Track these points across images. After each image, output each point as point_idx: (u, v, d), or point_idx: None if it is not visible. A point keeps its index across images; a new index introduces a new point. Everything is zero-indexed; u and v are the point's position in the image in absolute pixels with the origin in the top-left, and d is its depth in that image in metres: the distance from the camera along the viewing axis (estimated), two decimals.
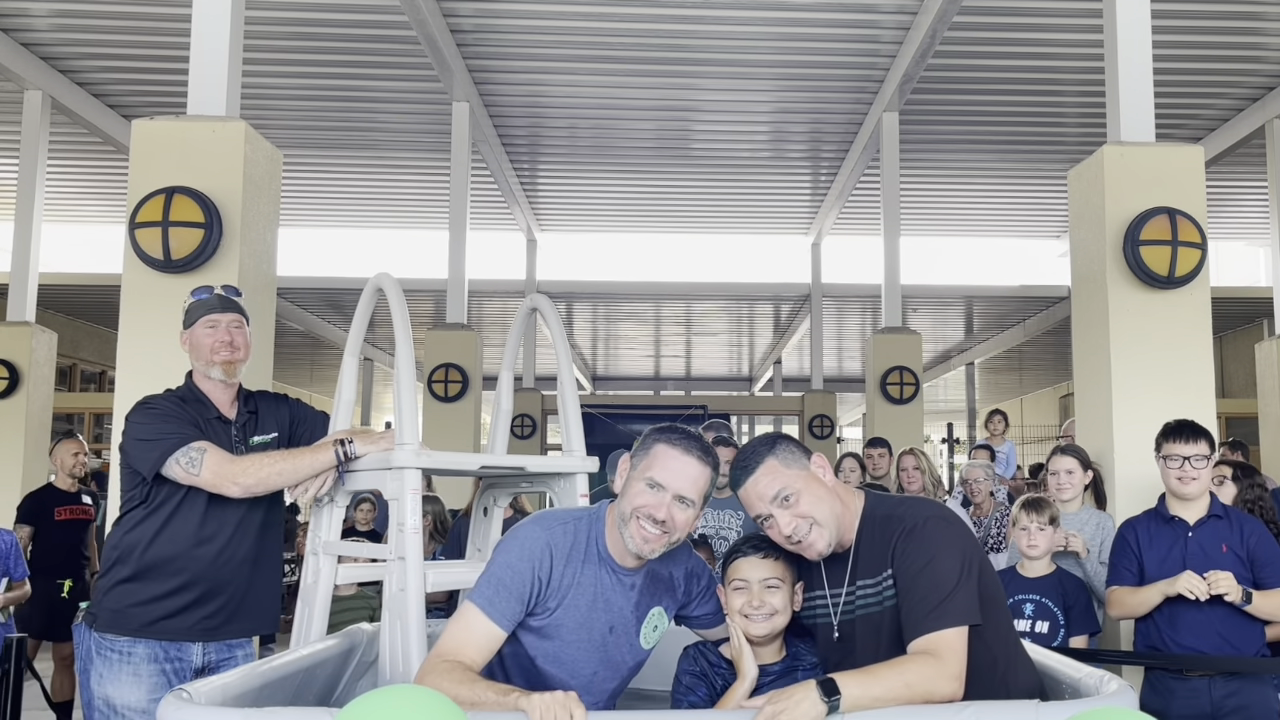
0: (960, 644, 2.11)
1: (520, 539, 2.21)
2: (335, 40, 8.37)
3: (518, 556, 2.19)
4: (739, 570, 2.41)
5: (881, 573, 2.24)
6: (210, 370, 3.09)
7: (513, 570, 2.17)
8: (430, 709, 1.63)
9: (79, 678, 3.03)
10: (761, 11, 7.87)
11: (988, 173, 11.64)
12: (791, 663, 2.43)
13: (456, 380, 8.69)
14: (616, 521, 2.25)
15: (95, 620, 2.96)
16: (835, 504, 2.27)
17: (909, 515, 2.25)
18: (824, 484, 2.27)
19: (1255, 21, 7.96)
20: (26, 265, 8.59)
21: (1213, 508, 3.59)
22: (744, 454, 2.30)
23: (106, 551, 3.04)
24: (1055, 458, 4.43)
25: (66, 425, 13.67)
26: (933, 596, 2.14)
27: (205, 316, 3.10)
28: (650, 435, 2.30)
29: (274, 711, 1.97)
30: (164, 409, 3.00)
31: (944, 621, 2.11)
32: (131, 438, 2.97)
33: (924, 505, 2.32)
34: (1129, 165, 4.80)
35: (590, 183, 12.21)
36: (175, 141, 4.49)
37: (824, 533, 2.24)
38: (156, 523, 2.95)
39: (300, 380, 20.82)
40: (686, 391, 24.21)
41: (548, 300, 3.32)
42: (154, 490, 2.96)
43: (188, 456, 2.86)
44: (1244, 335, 14.14)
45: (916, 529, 2.21)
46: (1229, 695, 3.40)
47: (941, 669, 2.07)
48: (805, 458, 2.30)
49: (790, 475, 2.24)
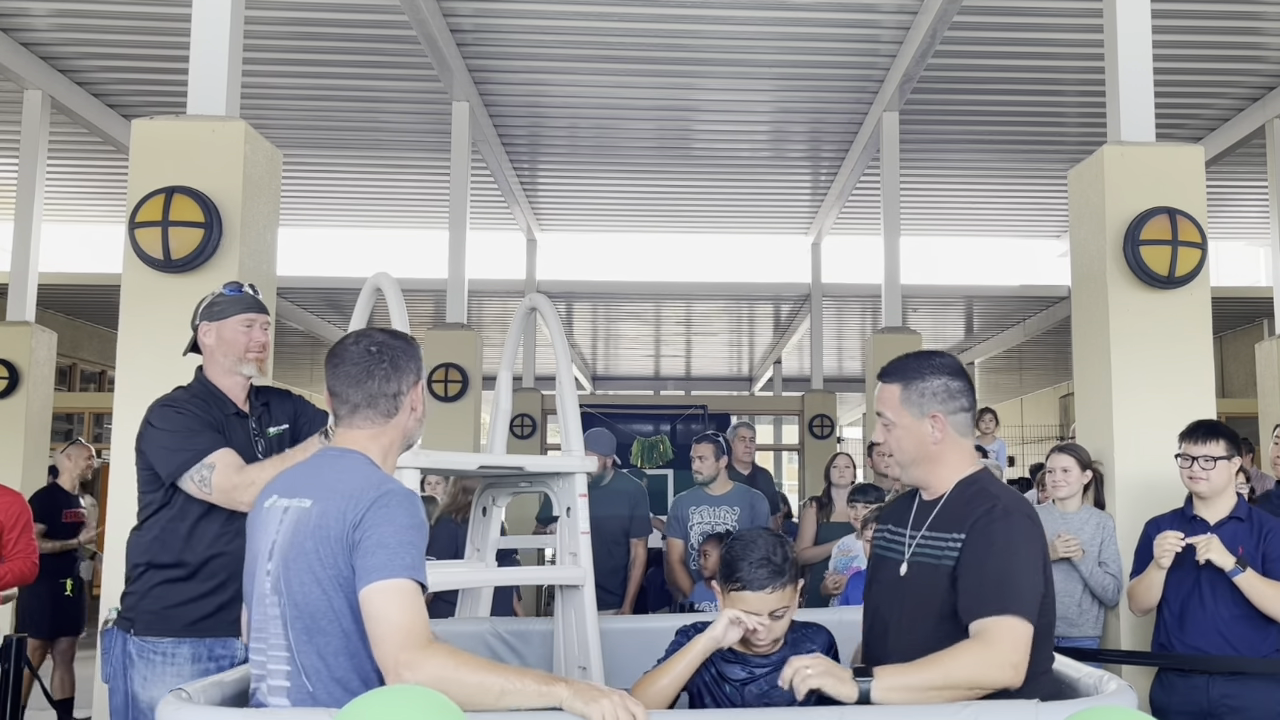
0: (1022, 633, 2.09)
1: (414, 503, 2.08)
2: (335, 40, 8.36)
3: (419, 519, 2.08)
4: (746, 603, 2.44)
5: (953, 533, 2.27)
6: (242, 367, 3.14)
7: (423, 533, 2.06)
8: (430, 709, 1.62)
9: (108, 683, 3.03)
10: (761, 11, 7.86)
11: (988, 173, 11.64)
12: (789, 653, 2.45)
13: (456, 380, 8.69)
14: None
15: (133, 625, 2.98)
16: (923, 455, 2.37)
17: (1006, 500, 2.30)
18: (923, 435, 2.36)
19: (1255, 21, 7.95)
20: (26, 265, 8.59)
21: (1236, 510, 3.62)
22: (895, 362, 2.45)
23: (134, 555, 3.05)
24: (1053, 455, 4.51)
25: (66, 425, 13.69)
26: (1005, 582, 2.14)
27: (243, 314, 3.14)
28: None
29: (274, 711, 1.97)
30: (186, 414, 3.01)
31: (1010, 608, 2.10)
32: (154, 443, 2.99)
33: (1026, 504, 2.36)
34: (1129, 165, 4.80)
35: (590, 183, 12.20)
36: (175, 141, 4.49)
37: (896, 466, 2.44)
38: (186, 524, 2.98)
39: (300, 380, 20.81)
40: (686, 391, 24.19)
41: (547, 300, 3.33)
42: (176, 494, 2.99)
43: (200, 475, 2.91)
44: (1244, 335, 14.14)
45: (1011, 515, 2.24)
46: (1227, 696, 3.43)
47: (992, 656, 2.05)
48: (933, 404, 2.36)
49: (898, 411, 2.38)
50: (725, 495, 5.61)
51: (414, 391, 2.24)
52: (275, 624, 2.02)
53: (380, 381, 2.18)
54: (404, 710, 1.62)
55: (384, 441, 2.20)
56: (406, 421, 2.23)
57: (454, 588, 3.19)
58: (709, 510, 5.55)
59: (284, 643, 2.01)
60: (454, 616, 3.55)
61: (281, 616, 2.01)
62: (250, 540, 2.17)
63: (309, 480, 2.11)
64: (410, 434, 2.27)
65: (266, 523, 2.11)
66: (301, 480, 2.13)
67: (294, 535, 2.02)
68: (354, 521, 1.96)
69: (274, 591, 2.03)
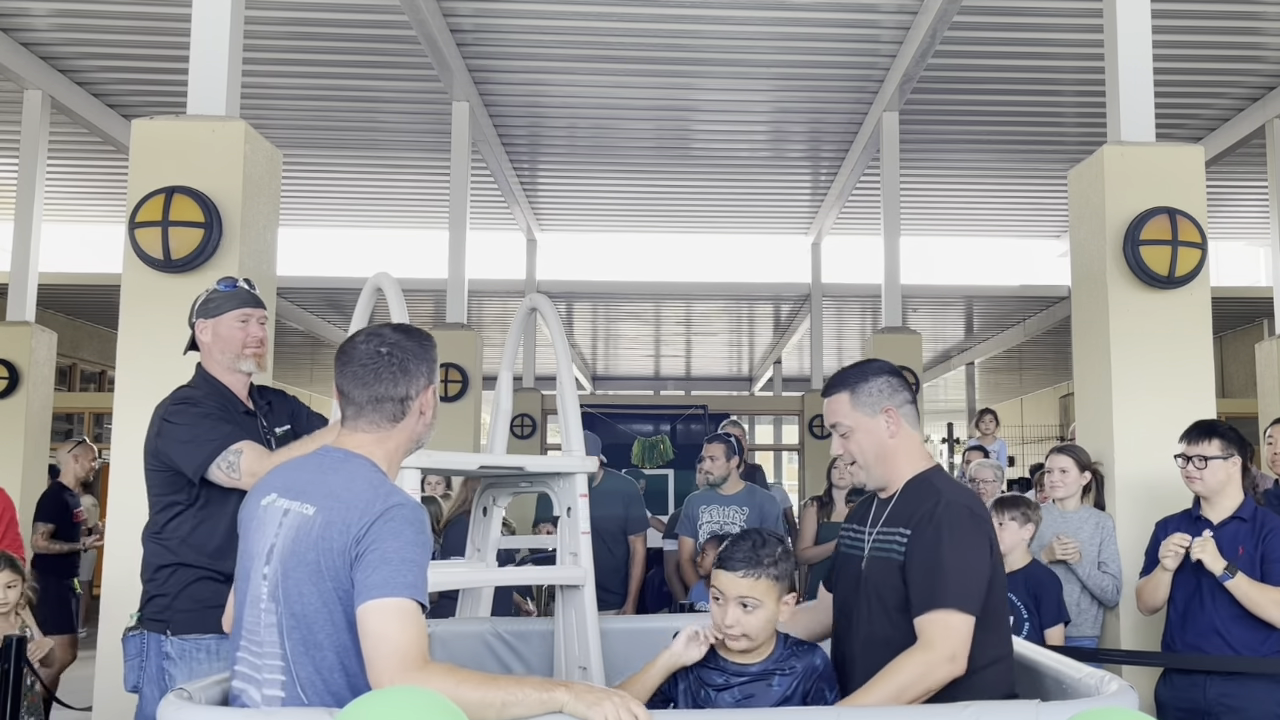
0: (956, 625, 2.18)
1: (421, 520, 2.04)
2: (335, 40, 8.36)
3: (425, 536, 2.05)
4: (719, 580, 2.39)
5: (901, 527, 2.36)
6: (241, 364, 3.10)
7: (426, 551, 2.03)
8: (430, 709, 1.62)
9: (137, 690, 2.98)
10: (761, 11, 7.86)
11: (988, 173, 11.64)
12: (770, 666, 2.39)
13: (456, 380, 8.68)
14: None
15: (169, 625, 2.93)
16: (883, 452, 2.45)
17: (949, 494, 2.37)
18: (879, 431, 2.44)
19: (1255, 21, 7.95)
20: (26, 265, 8.59)
21: (1241, 509, 3.63)
22: (835, 376, 2.55)
23: (159, 555, 2.99)
24: (1051, 456, 4.56)
25: (66, 425, 13.68)
26: (941, 577, 2.22)
27: (239, 310, 3.10)
28: None
29: (274, 712, 1.97)
30: (204, 407, 2.98)
31: (944, 602, 2.19)
32: (174, 440, 2.93)
33: (969, 496, 2.46)
34: (1129, 165, 4.80)
35: (590, 183, 12.20)
36: (175, 141, 4.49)
37: (861, 473, 2.48)
38: (221, 523, 2.91)
39: (300, 380, 20.81)
40: (686, 391, 24.21)
41: (547, 300, 3.32)
42: (201, 490, 2.94)
43: (227, 461, 2.87)
44: (1244, 335, 14.14)
45: (951, 508, 2.32)
46: (1225, 696, 3.46)
47: (929, 657, 2.16)
48: (882, 400, 2.44)
49: (851, 415, 2.46)
50: (735, 495, 5.64)
51: (424, 395, 2.16)
52: (271, 632, 1.98)
53: (388, 385, 2.11)
54: (404, 710, 1.62)
55: (389, 446, 2.13)
56: (414, 426, 2.16)
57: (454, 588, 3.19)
58: (719, 509, 5.58)
59: (279, 652, 1.97)
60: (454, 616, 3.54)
61: (278, 625, 1.96)
62: (245, 537, 2.10)
63: (312, 483, 2.03)
64: (418, 439, 2.20)
65: (264, 522, 2.04)
66: (304, 481, 2.05)
67: (295, 544, 1.97)
68: (358, 534, 1.91)
69: (271, 598, 1.98)
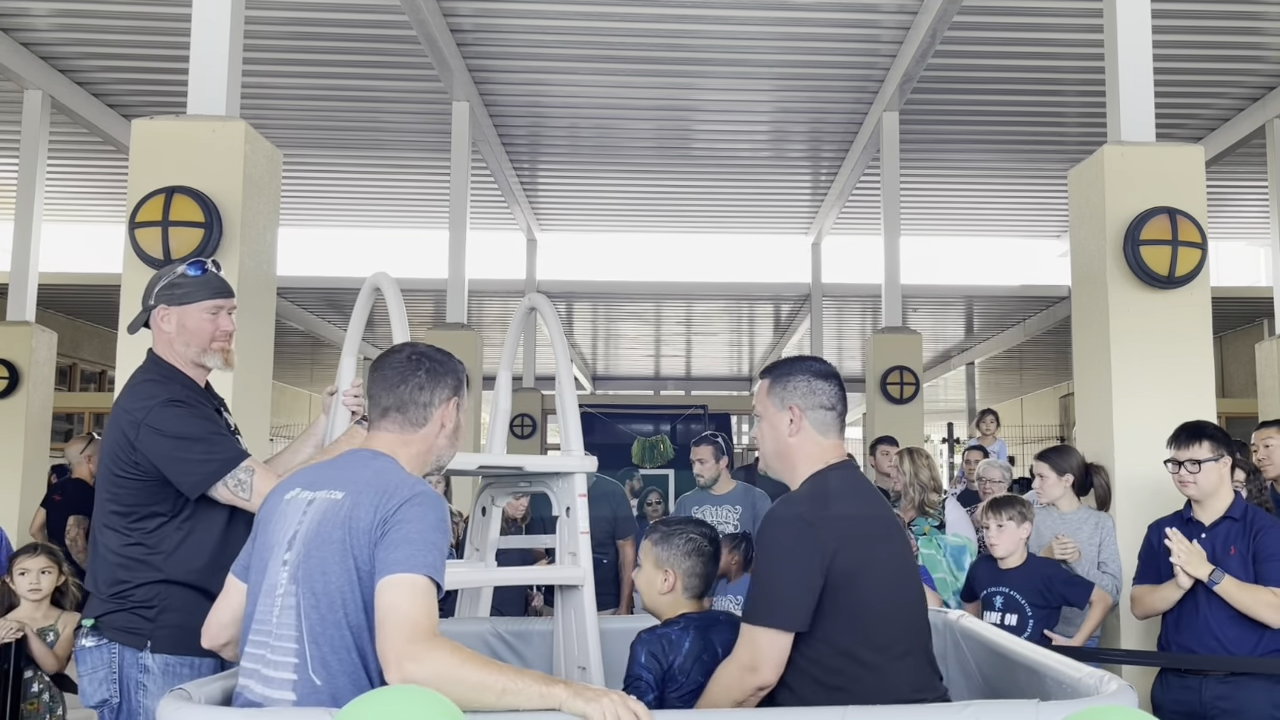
0: (758, 639, 2.20)
1: (444, 509, 2.09)
2: (335, 40, 8.37)
3: (446, 524, 2.09)
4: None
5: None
6: (206, 359, 2.79)
7: (446, 538, 2.06)
8: (430, 709, 1.62)
9: (98, 707, 2.67)
10: (761, 11, 7.87)
11: (988, 173, 11.64)
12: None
13: None
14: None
15: (151, 642, 2.65)
16: (781, 448, 2.44)
17: (783, 505, 2.38)
18: (780, 427, 2.43)
19: (1255, 21, 7.95)
20: (26, 265, 8.60)
21: (1231, 510, 3.61)
22: (774, 362, 2.58)
23: (132, 570, 2.67)
24: (1033, 461, 4.55)
25: (66, 425, 13.68)
26: (752, 589, 2.29)
27: (211, 300, 2.82)
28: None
29: (274, 712, 1.97)
30: (198, 412, 2.71)
31: (750, 617, 2.24)
32: (164, 452, 2.63)
33: (784, 504, 2.39)
34: (1129, 165, 4.80)
35: (590, 183, 12.21)
36: (175, 141, 4.49)
37: (765, 462, 2.52)
38: (209, 534, 2.69)
39: (300, 380, 20.83)
40: (686, 391, 24.22)
41: (546, 300, 3.33)
42: (189, 503, 2.68)
43: (236, 479, 2.64)
44: (1244, 335, 14.14)
45: (772, 521, 2.36)
46: (1220, 697, 3.46)
47: (732, 670, 2.24)
48: (793, 397, 2.43)
49: (764, 402, 2.47)
50: (728, 495, 5.65)
51: (446, 406, 2.22)
52: (288, 614, 2.01)
53: (413, 389, 2.18)
54: (404, 710, 1.62)
55: (411, 450, 2.18)
56: (436, 436, 2.21)
57: (454, 588, 3.19)
58: (711, 510, 5.59)
59: (294, 634, 1.99)
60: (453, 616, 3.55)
61: (296, 607, 2.00)
62: (263, 533, 2.13)
63: (340, 475, 2.10)
64: (440, 453, 2.24)
65: (287, 514, 2.09)
66: (331, 475, 2.12)
67: (320, 525, 2.03)
68: (385, 515, 1.98)
69: (291, 580, 2.02)
